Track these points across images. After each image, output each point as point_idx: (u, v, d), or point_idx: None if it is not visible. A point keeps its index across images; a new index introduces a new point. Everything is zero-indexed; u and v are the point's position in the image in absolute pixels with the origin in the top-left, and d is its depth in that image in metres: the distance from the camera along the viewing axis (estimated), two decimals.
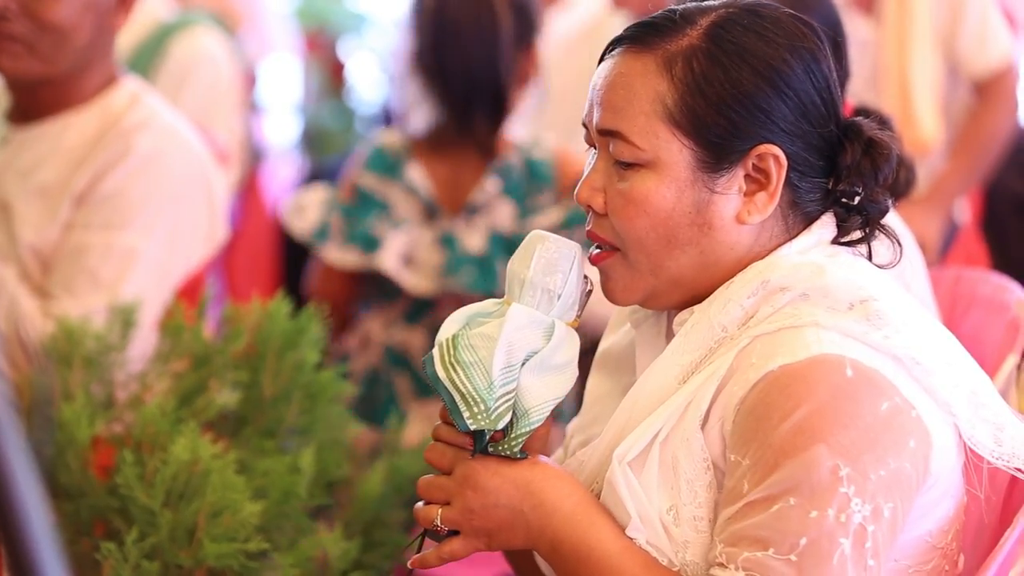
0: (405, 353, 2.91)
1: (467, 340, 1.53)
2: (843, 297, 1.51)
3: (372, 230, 2.89)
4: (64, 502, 2.03)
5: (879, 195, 1.59)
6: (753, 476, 1.45)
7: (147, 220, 2.37)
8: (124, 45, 2.94)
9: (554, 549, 1.53)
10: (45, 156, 2.41)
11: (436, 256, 2.85)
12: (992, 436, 1.53)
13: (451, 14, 2.85)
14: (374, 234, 2.88)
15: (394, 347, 2.91)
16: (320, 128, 5.78)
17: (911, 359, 1.49)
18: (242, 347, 2.19)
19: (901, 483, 1.45)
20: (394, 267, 2.86)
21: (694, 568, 1.49)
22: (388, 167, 2.92)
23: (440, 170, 2.90)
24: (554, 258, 1.56)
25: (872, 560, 1.43)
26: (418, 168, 2.89)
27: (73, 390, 2.13)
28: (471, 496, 1.54)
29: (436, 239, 2.87)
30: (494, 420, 1.51)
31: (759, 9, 1.57)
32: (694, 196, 1.54)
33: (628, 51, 1.57)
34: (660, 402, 1.53)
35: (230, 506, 1.92)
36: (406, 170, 2.90)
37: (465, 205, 2.86)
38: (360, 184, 2.92)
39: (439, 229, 2.87)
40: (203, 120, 3.13)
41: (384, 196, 2.90)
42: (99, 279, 2.33)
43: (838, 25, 2.25)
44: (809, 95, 1.55)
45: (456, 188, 2.89)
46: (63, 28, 2.32)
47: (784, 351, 1.47)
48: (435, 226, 2.88)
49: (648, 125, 1.53)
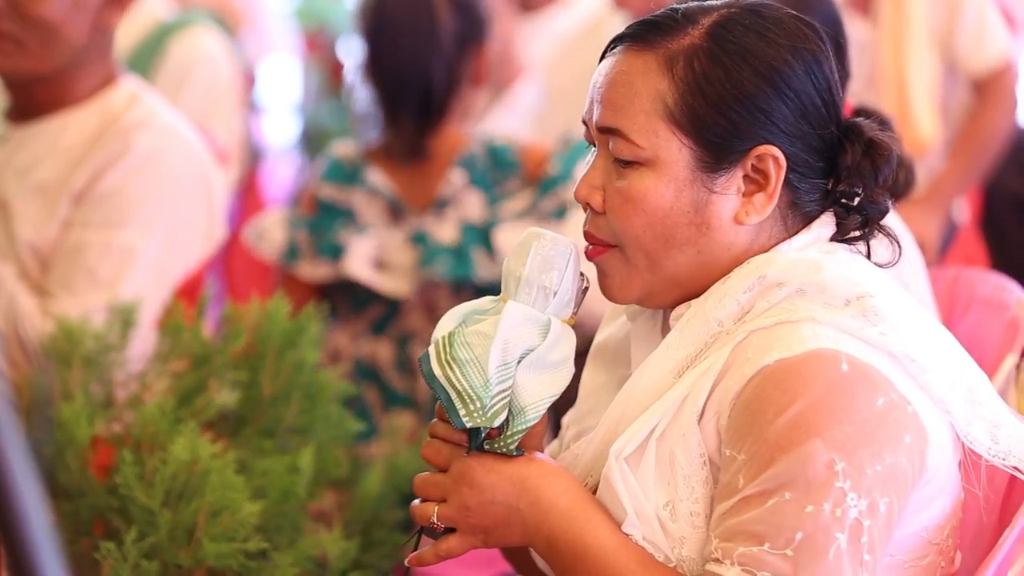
0: (373, 365, 2.89)
1: (463, 338, 1.54)
2: (839, 293, 1.51)
3: (338, 238, 2.87)
4: (63, 502, 2.03)
5: (879, 196, 1.59)
6: (749, 471, 1.45)
7: (146, 219, 2.37)
8: (123, 45, 2.94)
9: (550, 546, 1.53)
10: (44, 154, 2.41)
11: (408, 255, 2.84)
12: (988, 434, 1.53)
13: (389, 12, 2.85)
14: (340, 242, 2.87)
15: (363, 359, 2.89)
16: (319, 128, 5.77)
17: (907, 356, 1.50)
18: (241, 347, 2.19)
19: (897, 478, 1.45)
20: (365, 272, 2.84)
21: (690, 564, 1.49)
22: (346, 175, 2.90)
23: (400, 171, 2.89)
24: (550, 255, 1.56)
25: (868, 555, 1.43)
26: (377, 172, 2.88)
27: (72, 390, 2.13)
28: (467, 493, 1.54)
29: (407, 238, 2.85)
30: (490, 418, 1.51)
31: (761, 9, 1.58)
32: (692, 195, 1.54)
33: (629, 49, 1.57)
34: (655, 396, 1.54)
35: (229, 506, 1.92)
36: (365, 175, 2.88)
37: (433, 201, 2.85)
38: (320, 196, 2.90)
39: (408, 228, 2.86)
40: (202, 120, 3.13)
41: (346, 203, 2.89)
42: (98, 277, 2.33)
43: (839, 25, 2.26)
44: (810, 96, 1.55)
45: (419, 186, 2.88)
46: (51, 24, 2.32)
47: (780, 346, 1.47)
48: (403, 225, 2.86)
49: (648, 123, 1.54)
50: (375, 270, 2.85)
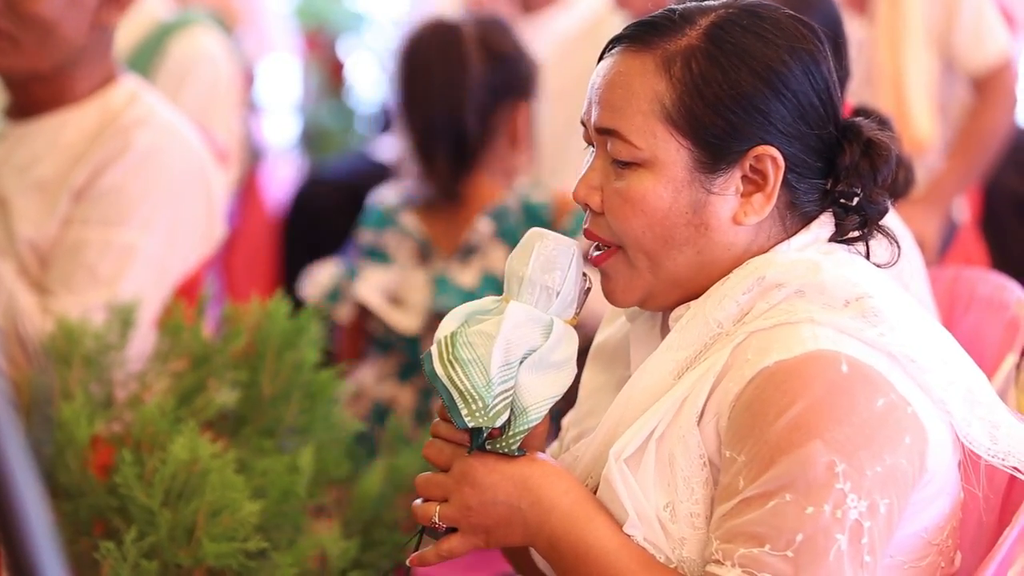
0: (391, 409, 2.90)
1: (466, 337, 1.54)
2: (839, 294, 1.51)
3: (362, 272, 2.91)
4: (63, 501, 2.03)
5: (878, 196, 1.59)
6: (749, 472, 1.45)
7: (146, 216, 2.37)
8: (123, 45, 2.94)
9: (552, 546, 1.53)
10: (43, 152, 2.41)
11: (426, 296, 2.85)
12: (988, 434, 1.53)
13: (421, 56, 2.86)
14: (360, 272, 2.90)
15: (382, 402, 2.89)
16: (319, 128, 5.77)
17: (906, 356, 1.50)
18: (241, 346, 2.19)
19: (897, 479, 1.45)
20: (374, 299, 2.86)
21: (691, 564, 1.50)
22: (383, 220, 2.93)
23: (433, 217, 2.90)
24: (553, 255, 1.56)
25: (868, 556, 1.43)
26: (411, 216, 2.91)
27: (72, 389, 2.13)
28: (469, 493, 1.54)
29: (429, 280, 2.86)
30: (492, 418, 1.51)
31: (759, 10, 1.57)
32: (691, 196, 1.54)
33: (627, 50, 1.57)
34: (655, 397, 1.54)
35: (229, 505, 1.92)
36: (400, 218, 2.91)
37: (460, 247, 2.86)
38: (361, 242, 2.95)
39: (432, 271, 2.87)
40: (202, 119, 3.13)
41: (382, 246, 2.92)
42: (97, 275, 2.33)
43: (839, 25, 2.25)
44: (808, 97, 1.55)
45: (450, 232, 2.89)
46: (47, 22, 2.32)
47: (779, 347, 1.47)
48: (429, 267, 2.88)
49: (646, 124, 1.54)
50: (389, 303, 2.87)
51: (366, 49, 6.17)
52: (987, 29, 3.53)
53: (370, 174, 4.49)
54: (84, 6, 2.35)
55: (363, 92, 6.08)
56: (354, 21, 6.15)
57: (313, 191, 4.53)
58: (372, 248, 2.93)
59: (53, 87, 2.40)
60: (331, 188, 4.50)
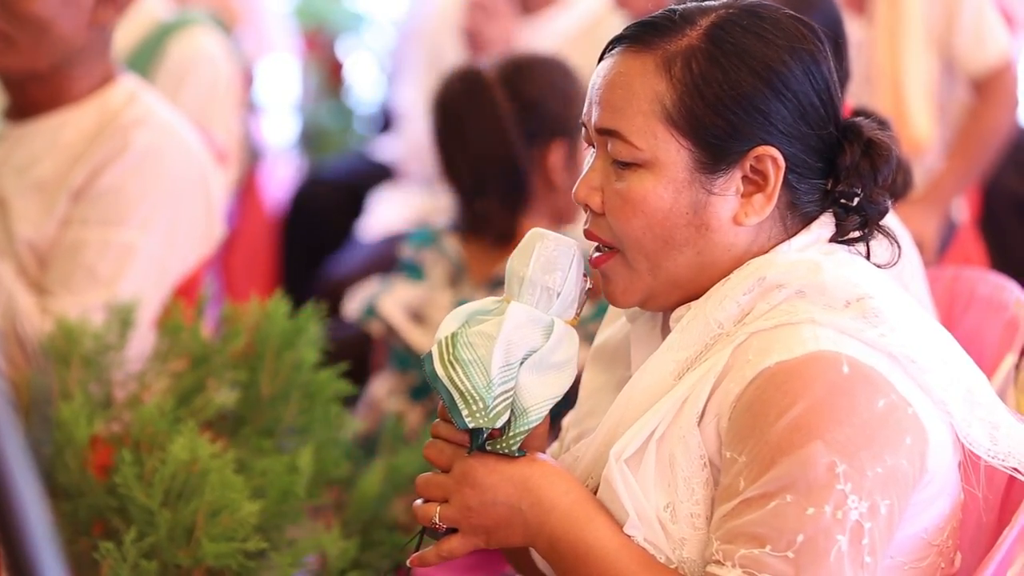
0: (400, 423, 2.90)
1: (466, 338, 1.54)
2: (839, 294, 1.51)
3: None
4: (62, 501, 2.03)
5: (878, 196, 1.59)
6: (749, 473, 1.45)
7: (145, 216, 2.37)
8: (122, 45, 2.94)
9: (552, 547, 1.53)
10: (42, 152, 2.41)
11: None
12: (988, 435, 1.53)
13: (452, 107, 2.86)
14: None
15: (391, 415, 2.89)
16: (318, 128, 5.77)
17: (906, 357, 1.50)
18: (240, 347, 2.19)
19: (898, 480, 1.45)
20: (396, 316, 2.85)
21: (691, 565, 1.50)
22: (427, 239, 2.94)
23: (474, 245, 2.90)
24: (553, 256, 1.56)
25: (869, 557, 1.43)
26: (452, 240, 2.91)
27: (71, 389, 2.13)
28: (469, 493, 1.54)
29: (453, 302, 2.85)
30: (492, 418, 1.51)
31: (759, 10, 1.57)
32: (691, 197, 1.54)
33: (627, 50, 1.57)
34: (655, 398, 1.54)
35: (228, 505, 1.92)
36: (442, 240, 2.92)
37: (491, 278, 2.87)
38: (401, 256, 2.95)
39: (459, 295, 2.87)
40: (201, 119, 3.13)
41: (419, 262, 2.92)
42: (97, 275, 2.33)
43: (840, 25, 2.25)
44: (808, 97, 1.55)
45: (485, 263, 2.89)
46: (43, 21, 2.31)
47: (780, 348, 1.47)
48: (457, 291, 2.88)
49: (646, 125, 1.54)
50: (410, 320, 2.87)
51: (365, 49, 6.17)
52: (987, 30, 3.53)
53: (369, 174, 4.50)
54: (80, 5, 2.34)
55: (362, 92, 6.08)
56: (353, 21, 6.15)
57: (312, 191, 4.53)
58: (410, 263, 2.93)
59: (51, 87, 2.40)
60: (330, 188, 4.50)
